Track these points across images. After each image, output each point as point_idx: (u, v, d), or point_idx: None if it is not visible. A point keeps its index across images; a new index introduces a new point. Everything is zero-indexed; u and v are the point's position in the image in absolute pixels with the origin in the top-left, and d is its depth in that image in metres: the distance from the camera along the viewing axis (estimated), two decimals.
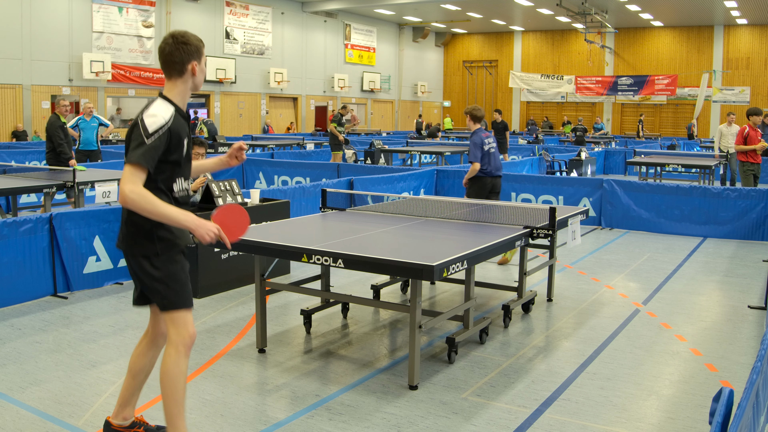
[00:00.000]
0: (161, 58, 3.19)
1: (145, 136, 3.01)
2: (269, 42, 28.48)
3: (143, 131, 3.02)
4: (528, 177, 11.48)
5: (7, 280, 5.80)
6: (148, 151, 3.00)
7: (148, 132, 3.02)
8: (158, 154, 3.04)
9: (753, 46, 31.83)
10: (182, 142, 3.16)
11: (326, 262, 4.20)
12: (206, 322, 5.53)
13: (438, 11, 32.22)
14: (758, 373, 2.47)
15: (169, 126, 3.06)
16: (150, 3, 23.60)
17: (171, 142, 3.08)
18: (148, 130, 3.02)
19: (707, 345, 5.12)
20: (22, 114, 20.40)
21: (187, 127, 3.25)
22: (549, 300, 6.28)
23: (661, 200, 9.98)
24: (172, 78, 3.22)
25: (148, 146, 3.00)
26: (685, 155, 17.77)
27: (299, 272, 7.09)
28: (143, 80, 23.50)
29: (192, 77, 3.23)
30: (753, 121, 11.20)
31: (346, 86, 32.48)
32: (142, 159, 2.98)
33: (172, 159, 3.12)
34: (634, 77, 34.04)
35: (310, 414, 3.86)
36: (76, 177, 8.20)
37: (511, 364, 4.68)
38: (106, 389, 4.16)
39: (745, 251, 8.67)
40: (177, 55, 3.16)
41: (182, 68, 3.19)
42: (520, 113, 38.23)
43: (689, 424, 3.79)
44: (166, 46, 3.16)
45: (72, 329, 5.31)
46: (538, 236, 5.20)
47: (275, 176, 13.26)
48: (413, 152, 17.53)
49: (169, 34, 3.20)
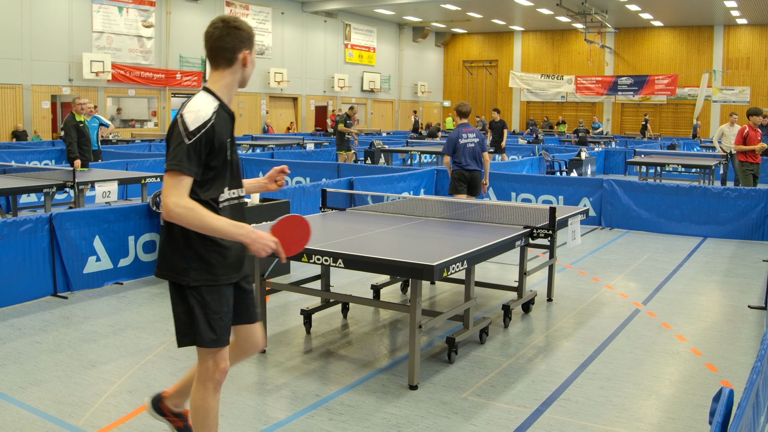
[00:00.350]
0: (208, 45, 2.80)
1: (185, 135, 2.62)
2: (269, 42, 28.48)
3: (183, 129, 2.63)
4: (528, 177, 11.48)
5: (7, 280, 5.80)
6: (190, 154, 2.61)
7: (188, 130, 2.62)
8: (202, 156, 2.66)
9: (753, 46, 31.83)
10: (225, 144, 2.76)
11: (326, 262, 4.20)
12: None
13: (438, 11, 32.22)
14: (758, 373, 2.47)
15: (212, 122, 2.67)
16: (150, 3, 23.60)
17: (214, 143, 2.69)
18: (188, 127, 2.63)
19: (707, 345, 5.12)
20: (22, 114, 20.40)
21: (232, 126, 2.86)
22: (549, 300, 6.28)
23: (661, 200, 9.98)
24: (219, 68, 2.81)
25: (189, 147, 2.61)
26: (685, 155, 17.76)
27: (299, 272, 7.09)
28: (143, 80, 23.50)
29: (242, 68, 2.83)
30: (753, 122, 11.20)
31: (346, 86, 32.48)
32: (184, 164, 2.59)
33: (213, 164, 2.72)
34: (634, 77, 34.04)
35: (310, 414, 3.86)
36: (76, 177, 8.20)
37: (511, 364, 4.68)
38: (106, 389, 4.16)
39: (745, 251, 8.67)
40: (228, 41, 2.76)
41: (232, 57, 2.79)
42: (520, 113, 38.23)
43: (689, 424, 3.79)
44: (215, 31, 2.77)
45: (72, 329, 5.31)
46: (538, 236, 5.20)
47: None
48: (413, 152, 17.54)
49: (219, 18, 2.82)
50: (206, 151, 2.67)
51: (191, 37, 25.15)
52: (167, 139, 2.71)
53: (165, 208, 2.59)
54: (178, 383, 3.20)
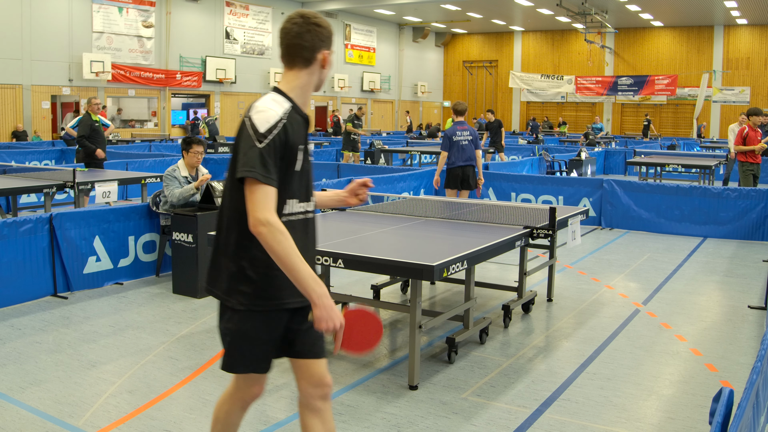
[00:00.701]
0: (284, 42, 2.50)
1: (256, 138, 2.33)
2: (269, 42, 28.49)
3: (253, 132, 2.34)
4: (528, 177, 11.48)
5: (7, 280, 5.80)
6: (265, 160, 2.31)
7: (259, 131, 2.34)
8: (277, 161, 2.36)
9: (753, 46, 31.83)
10: (297, 151, 2.45)
11: (326, 262, 4.20)
12: (206, 322, 5.53)
13: (438, 11, 32.21)
14: (758, 373, 2.47)
15: (284, 124, 2.39)
16: (150, 3, 23.60)
17: (285, 147, 2.39)
18: (258, 129, 2.34)
19: (707, 345, 5.12)
20: (22, 114, 20.40)
21: (306, 131, 2.56)
22: (549, 300, 6.28)
23: (661, 200, 9.98)
24: (295, 67, 2.51)
25: (262, 152, 2.31)
26: (685, 155, 17.77)
27: None
28: (143, 80, 23.51)
29: (320, 70, 2.54)
30: (753, 122, 11.20)
31: (346, 86, 32.48)
32: (258, 171, 2.29)
33: (282, 171, 2.41)
34: (634, 77, 34.04)
35: None
36: (76, 177, 8.20)
37: (511, 364, 4.68)
38: (106, 389, 4.16)
39: (745, 251, 8.67)
40: (307, 39, 2.47)
41: (311, 56, 2.50)
42: (520, 113, 38.23)
43: (689, 424, 3.79)
44: (293, 27, 2.47)
45: (72, 329, 5.31)
46: (538, 236, 5.20)
47: None
48: (413, 152, 17.53)
49: (297, 13, 2.51)
50: (278, 156, 2.37)
51: (191, 37, 25.16)
52: (235, 144, 2.42)
53: (253, 223, 2.29)
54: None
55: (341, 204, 3.04)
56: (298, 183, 2.50)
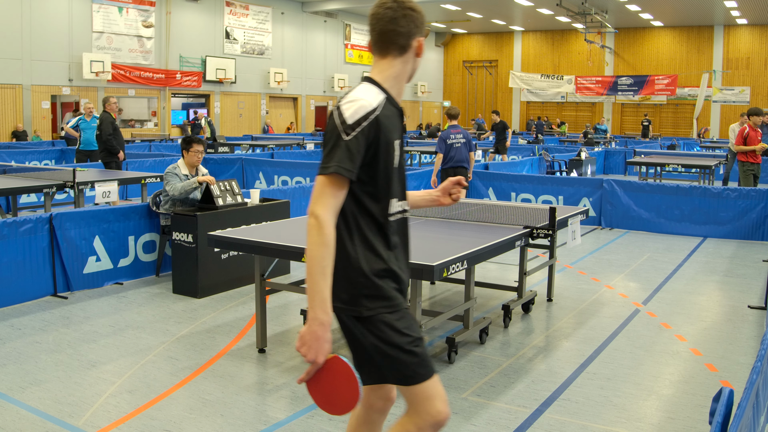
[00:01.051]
0: (378, 27, 2.31)
1: (343, 129, 2.16)
2: (269, 42, 28.48)
3: (340, 123, 2.18)
4: (528, 177, 11.48)
5: (7, 280, 5.80)
6: (352, 153, 2.15)
7: (347, 123, 2.17)
8: (362, 155, 2.19)
9: (753, 46, 31.83)
10: (393, 145, 2.27)
11: None
12: (206, 322, 5.53)
13: (438, 11, 32.21)
14: (758, 373, 2.47)
15: (377, 115, 2.20)
16: (150, 3, 23.60)
17: (380, 141, 2.21)
18: (347, 120, 2.17)
19: (707, 345, 5.12)
20: (22, 114, 20.40)
21: (401, 124, 2.38)
22: (549, 300, 6.28)
23: (661, 200, 9.98)
24: (389, 55, 2.33)
25: (347, 144, 2.15)
26: (686, 155, 17.77)
27: (299, 272, 7.08)
28: (143, 80, 23.50)
29: (414, 58, 2.37)
30: (753, 122, 11.21)
31: (346, 86, 32.47)
32: (344, 166, 2.13)
33: (381, 166, 2.24)
34: (634, 77, 34.04)
35: (310, 414, 3.86)
36: (76, 177, 8.20)
37: (511, 364, 4.68)
38: (106, 389, 4.16)
39: (745, 251, 8.67)
40: (403, 24, 2.29)
41: (406, 43, 2.32)
42: (520, 113, 38.22)
43: (689, 424, 3.79)
44: (387, 12, 2.29)
45: (72, 329, 5.31)
46: (538, 236, 5.20)
47: (275, 176, 13.25)
48: (413, 152, 17.53)
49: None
50: (372, 151, 2.20)
51: (191, 37, 25.15)
52: (324, 138, 2.25)
53: (309, 214, 2.16)
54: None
55: (433, 204, 2.77)
56: (398, 180, 2.33)
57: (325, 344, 2.15)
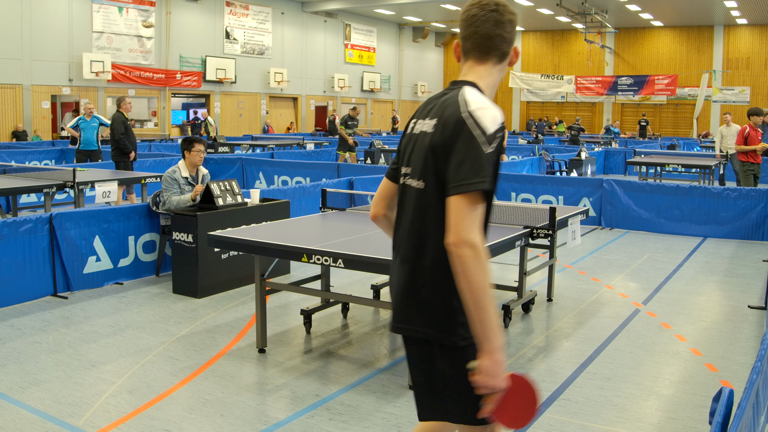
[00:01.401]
0: (481, 30, 2.11)
1: (484, 140, 1.91)
2: (269, 42, 28.48)
3: (481, 132, 1.93)
4: (528, 177, 11.48)
5: (7, 280, 5.80)
6: (494, 165, 1.93)
7: (488, 132, 1.93)
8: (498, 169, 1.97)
9: (753, 46, 31.83)
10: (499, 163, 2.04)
11: (326, 262, 4.20)
12: (206, 322, 5.53)
13: (438, 11, 32.22)
14: (758, 373, 2.47)
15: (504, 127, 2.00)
16: (150, 3, 23.60)
17: (499, 156, 1.99)
18: (488, 128, 1.93)
19: (707, 345, 5.12)
20: (22, 114, 20.40)
21: None
22: (549, 300, 6.28)
23: (661, 200, 9.98)
24: (489, 61, 2.13)
25: (489, 158, 1.92)
26: (685, 155, 17.77)
27: (299, 272, 7.09)
28: (143, 80, 23.51)
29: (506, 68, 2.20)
30: (753, 121, 11.21)
31: (346, 86, 32.48)
32: (489, 181, 1.91)
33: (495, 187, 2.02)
34: (634, 77, 34.04)
35: (310, 414, 3.86)
36: (76, 177, 8.20)
37: (511, 364, 4.68)
38: (106, 389, 4.17)
39: (745, 251, 8.67)
40: (509, 30, 2.12)
41: (509, 50, 2.15)
42: (520, 113, 38.23)
43: (689, 424, 3.79)
44: (492, 14, 2.09)
45: (72, 329, 5.31)
46: (538, 236, 5.20)
47: (275, 176, 13.25)
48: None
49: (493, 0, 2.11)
50: None
51: (191, 37, 25.15)
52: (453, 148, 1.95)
53: (453, 239, 1.89)
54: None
55: None
56: None
57: (502, 367, 1.98)
